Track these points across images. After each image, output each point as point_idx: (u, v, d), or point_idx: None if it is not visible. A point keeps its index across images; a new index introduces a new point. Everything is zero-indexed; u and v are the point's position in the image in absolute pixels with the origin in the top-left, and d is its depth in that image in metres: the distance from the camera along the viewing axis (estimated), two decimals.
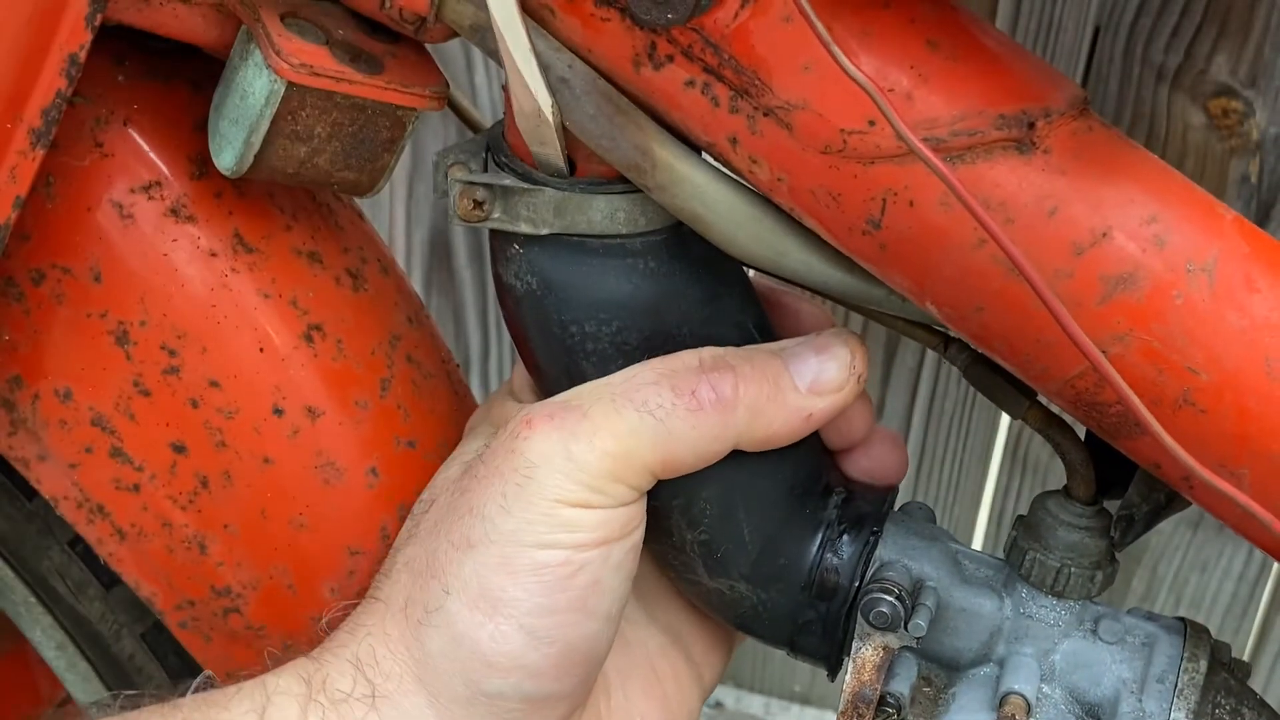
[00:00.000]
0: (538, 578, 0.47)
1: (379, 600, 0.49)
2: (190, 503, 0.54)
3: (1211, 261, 0.45)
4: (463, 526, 0.48)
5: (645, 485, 0.48)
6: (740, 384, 0.49)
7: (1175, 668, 0.50)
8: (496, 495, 0.47)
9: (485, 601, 0.47)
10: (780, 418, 0.49)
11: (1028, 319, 0.46)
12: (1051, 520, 0.51)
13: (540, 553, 0.47)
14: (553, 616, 0.47)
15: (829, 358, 0.50)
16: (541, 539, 0.47)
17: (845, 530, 0.52)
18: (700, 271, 0.51)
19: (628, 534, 0.48)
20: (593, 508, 0.47)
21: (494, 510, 0.47)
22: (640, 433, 0.47)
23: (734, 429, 0.49)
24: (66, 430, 0.53)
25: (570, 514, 0.47)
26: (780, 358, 0.50)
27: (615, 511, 0.48)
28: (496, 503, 0.47)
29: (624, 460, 0.47)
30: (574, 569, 0.47)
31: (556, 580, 0.47)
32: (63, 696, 0.67)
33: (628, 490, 0.48)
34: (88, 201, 0.52)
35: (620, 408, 0.48)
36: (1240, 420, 0.45)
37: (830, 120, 0.45)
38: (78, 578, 0.60)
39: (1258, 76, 0.87)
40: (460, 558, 0.47)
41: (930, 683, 0.52)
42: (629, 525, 0.48)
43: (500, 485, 0.47)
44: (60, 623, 0.61)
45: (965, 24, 0.46)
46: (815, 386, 0.50)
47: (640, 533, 0.49)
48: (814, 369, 0.50)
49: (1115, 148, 0.47)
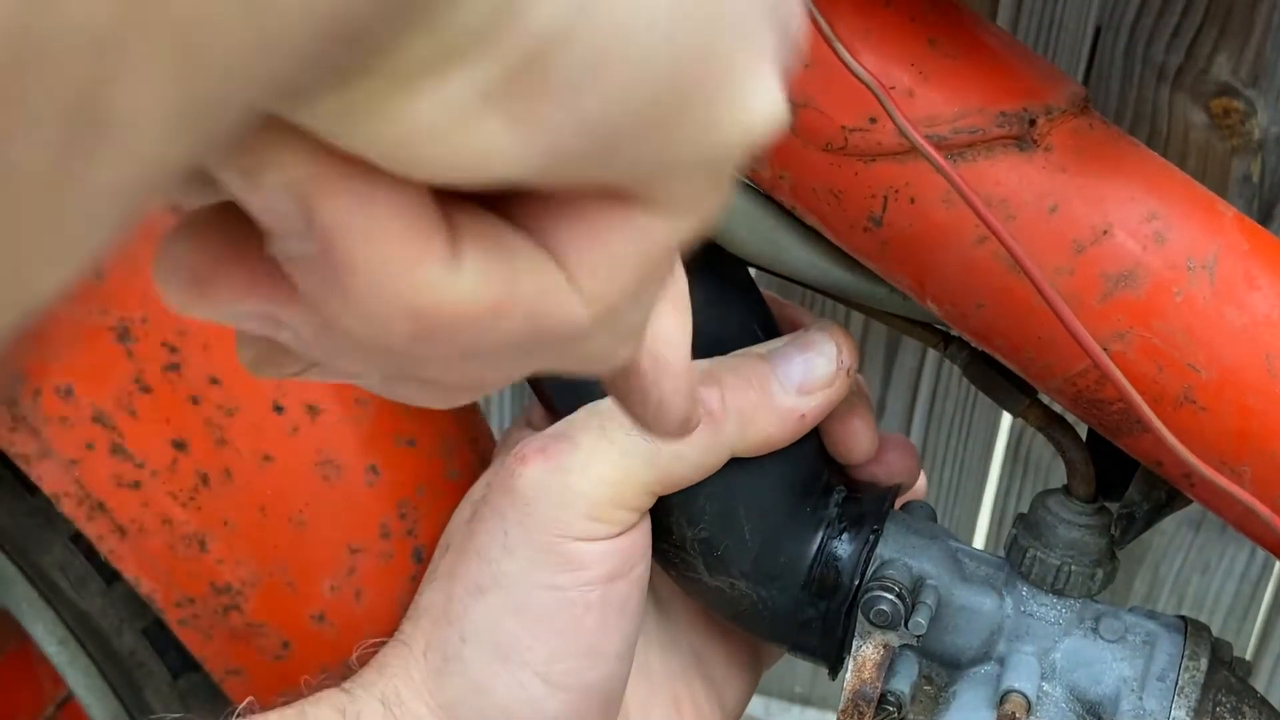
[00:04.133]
0: (549, 623, 0.46)
1: (404, 643, 0.49)
2: (190, 500, 0.54)
3: (1212, 259, 0.45)
4: (473, 571, 0.47)
5: (646, 505, 0.48)
6: (727, 395, 0.48)
7: (1176, 666, 0.50)
8: (499, 535, 0.47)
9: (498, 650, 0.46)
10: (772, 422, 0.49)
11: (1029, 316, 0.46)
12: (1052, 518, 0.51)
13: (548, 594, 0.46)
14: (566, 661, 0.46)
15: (815, 354, 0.50)
16: (547, 580, 0.46)
17: (846, 528, 0.52)
18: (705, 274, 0.51)
19: (633, 566, 0.48)
20: (596, 540, 0.47)
21: (498, 552, 0.47)
22: (633, 455, 0.47)
23: (727, 439, 0.48)
24: (67, 427, 0.53)
25: (573, 549, 0.46)
26: (767, 361, 0.50)
27: (618, 542, 0.47)
28: (499, 543, 0.47)
29: (621, 485, 0.47)
30: (583, 609, 0.46)
31: (567, 623, 0.46)
32: (64, 694, 0.67)
33: (629, 514, 0.47)
34: None
35: (610, 434, 0.47)
36: (1241, 417, 0.45)
37: (832, 117, 0.45)
38: (79, 573, 0.60)
39: (1259, 76, 0.87)
40: (471, 604, 0.47)
41: (931, 681, 0.52)
42: (633, 556, 0.48)
43: (501, 524, 0.47)
44: (62, 618, 0.61)
45: (966, 22, 0.46)
46: (804, 386, 0.49)
47: (646, 564, 0.49)
48: (801, 368, 0.50)
49: (1116, 145, 0.47)
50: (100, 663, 0.62)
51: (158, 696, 0.62)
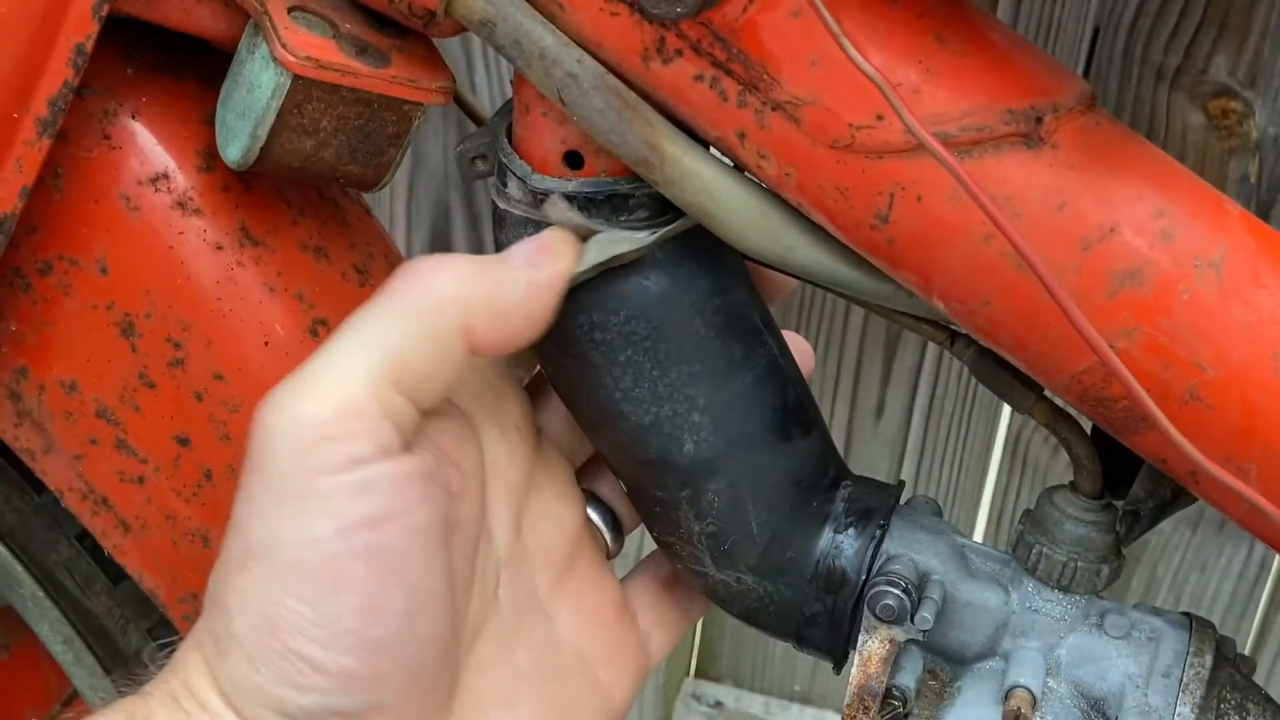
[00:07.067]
0: (316, 583, 0.42)
1: (191, 635, 0.46)
2: (194, 495, 0.54)
3: (1218, 257, 0.45)
4: (233, 547, 0.43)
5: (389, 408, 0.43)
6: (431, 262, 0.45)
7: (1181, 662, 0.50)
8: (244, 499, 0.43)
9: (268, 620, 0.42)
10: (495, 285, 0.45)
11: (1035, 313, 0.46)
12: (1058, 515, 0.51)
13: (308, 549, 0.42)
14: (343, 621, 0.42)
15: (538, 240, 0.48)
16: (303, 534, 0.42)
17: (852, 523, 0.52)
18: (708, 264, 0.51)
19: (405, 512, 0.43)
20: (342, 469, 0.42)
21: (247, 517, 0.43)
22: (351, 349, 0.43)
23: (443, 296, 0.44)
24: (72, 422, 0.53)
25: (321, 487, 0.42)
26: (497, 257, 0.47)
27: (371, 470, 0.42)
28: (245, 508, 0.43)
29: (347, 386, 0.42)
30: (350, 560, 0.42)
31: (335, 578, 0.42)
32: (70, 692, 0.67)
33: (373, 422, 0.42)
34: (95, 193, 0.52)
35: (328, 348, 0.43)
36: (1247, 415, 0.45)
37: (838, 115, 0.45)
38: (85, 572, 0.60)
39: (1257, 77, 0.88)
40: (235, 581, 0.43)
41: (936, 676, 0.52)
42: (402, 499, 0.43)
43: (246, 490, 0.43)
44: (67, 617, 0.61)
45: (973, 19, 0.46)
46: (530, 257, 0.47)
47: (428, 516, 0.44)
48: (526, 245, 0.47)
49: (1122, 143, 0.47)
50: (105, 661, 0.62)
51: None
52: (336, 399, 0.42)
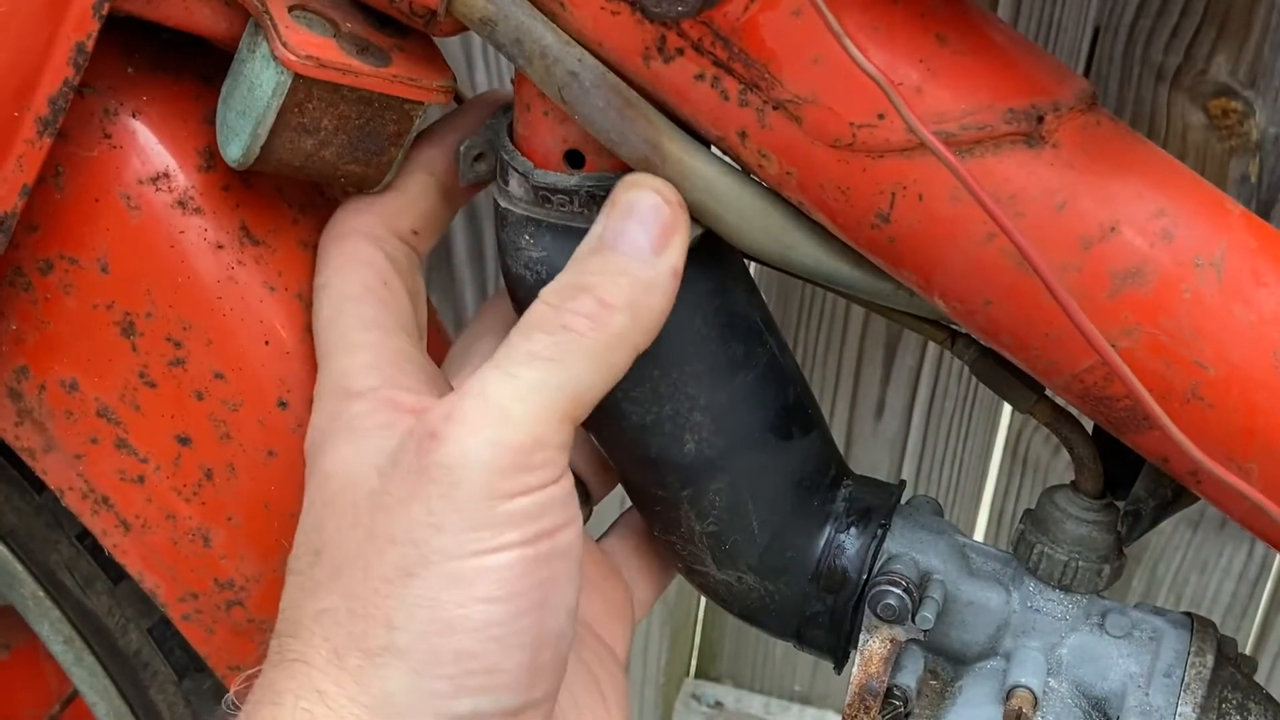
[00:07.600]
0: (494, 587, 0.44)
1: (297, 661, 0.46)
2: (194, 495, 0.54)
3: (1219, 256, 0.45)
4: (390, 560, 0.45)
5: (566, 439, 0.46)
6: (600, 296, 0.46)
7: (1182, 662, 0.50)
8: (422, 515, 0.44)
9: (441, 624, 0.44)
10: (653, 295, 0.47)
11: (1036, 313, 0.46)
12: (1060, 514, 0.51)
13: (490, 558, 0.44)
14: (517, 622, 0.45)
15: (643, 209, 0.47)
16: (487, 544, 0.44)
17: (853, 523, 0.52)
18: (709, 264, 0.51)
19: (570, 519, 0.46)
20: (530, 492, 0.45)
21: (424, 533, 0.44)
22: (541, 386, 0.45)
23: (621, 333, 0.46)
24: (72, 421, 0.53)
25: (509, 508, 0.44)
26: (610, 247, 0.47)
27: (550, 491, 0.45)
28: (425, 523, 0.44)
29: (539, 422, 0.45)
30: (526, 567, 0.45)
31: (512, 582, 0.44)
32: (70, 692, 0.67)
33: (554, 452, 0.45)
34: (96, 192, 0.52)
35: (511, 373, 0.45)
36: (1248, 414, 0.45)
37: (839, 114, 0.45)
38: (86, 572, 0.60)
39: (1257, 77, 0.88)
40: (399, 591, 0.44)
41: (937, 676, 0.52)
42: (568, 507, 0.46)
43: (424, 504, 0.44)
44: (68, 616, 0.61)
45: (974, 18, 0.46)
46: (655, 243, 0.47)
47: (579, 520, 0.47)
48: (640, 230, 0.47)
49: (1123, 142, 0.47)
50: (106, 661, 0.62)
51: (162, 695, 0.62)
52: (529, 435, 0.45)
